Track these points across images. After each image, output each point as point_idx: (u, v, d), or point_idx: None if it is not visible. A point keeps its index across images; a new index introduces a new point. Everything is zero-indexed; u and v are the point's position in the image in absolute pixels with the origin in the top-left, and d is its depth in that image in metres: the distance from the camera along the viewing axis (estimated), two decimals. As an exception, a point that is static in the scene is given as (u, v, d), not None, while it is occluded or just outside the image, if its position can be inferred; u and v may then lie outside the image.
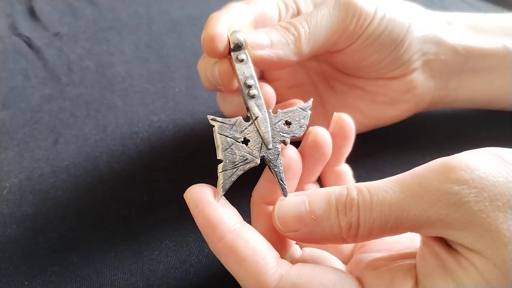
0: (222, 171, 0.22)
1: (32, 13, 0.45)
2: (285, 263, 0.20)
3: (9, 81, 0.38)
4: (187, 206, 0.21)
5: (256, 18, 0.26)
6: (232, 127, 0.22)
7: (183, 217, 0.28)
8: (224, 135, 0.22)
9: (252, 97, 0.23)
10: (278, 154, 0.22)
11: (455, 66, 0.31)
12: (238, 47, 0.24)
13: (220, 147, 0.22)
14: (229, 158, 0.22)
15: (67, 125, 0.34)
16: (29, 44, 0.41)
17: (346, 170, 0.27)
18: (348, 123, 0.25)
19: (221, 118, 0.22)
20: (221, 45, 0.24)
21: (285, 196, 0.22)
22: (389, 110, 0.32)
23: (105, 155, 0.32)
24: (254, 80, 0.23)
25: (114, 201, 0.29)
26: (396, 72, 0.30)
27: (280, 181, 0.22)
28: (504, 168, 0.18)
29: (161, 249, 0.27)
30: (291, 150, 0.23)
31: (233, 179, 0.22)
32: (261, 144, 0.22)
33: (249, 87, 0.23)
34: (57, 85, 0.38)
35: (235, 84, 0.26)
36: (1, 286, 0.25)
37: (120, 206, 0.29)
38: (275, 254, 0.21)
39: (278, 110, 0.23)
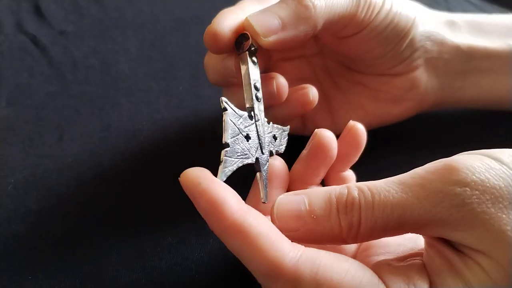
0: (228, 156, 0.21)
1: (38, 11, 0.45)
2: (298, 245, 0.19)
3: (15, 78, 0.38)
4: (190, 204, 0.20)
5: None
6: (240, 118, 0.22)
7: (186, 215, 0.28)
8: (233, 122, 0.22)
9: (258, 100, 0.24)
10: (267, 160, 0.24)
11: (459, 65, 0.31)
12: (253, 46, 0.24)
13: (229, 132, 0.21)
14: (234, 147, 0.22)
15: (71, 123, 0.35)
16: (35, 42, 0.41)
17: (350, 176, 0.27)
18: (361, 133, 0.25)
19: (233, 105, 0.22)
20: (222, 42, 0.24)
21: (264, 202, 0.23)
22: (392, 108, 0.32)
23: (109, 152, 0.32)
24: (260, 84, 0.24)
25: (117, 198, 0.30)
26: (398, 68, 0.30)
27: (264, 186, 0.23)
28: (503, 170, 0.18)
29: (163, 246, 0.27)
30: (278, 162, 0.25)
31: (233, 168, 0.21)
32: (258, 146, 0.23)
33: (257, 89, 0.24)
34: (62, 83, 0.38)
35: None
36: (4, 281, 0.25)
37: (123, 203, 0.29)
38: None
39: (270, 122, 0.25)
